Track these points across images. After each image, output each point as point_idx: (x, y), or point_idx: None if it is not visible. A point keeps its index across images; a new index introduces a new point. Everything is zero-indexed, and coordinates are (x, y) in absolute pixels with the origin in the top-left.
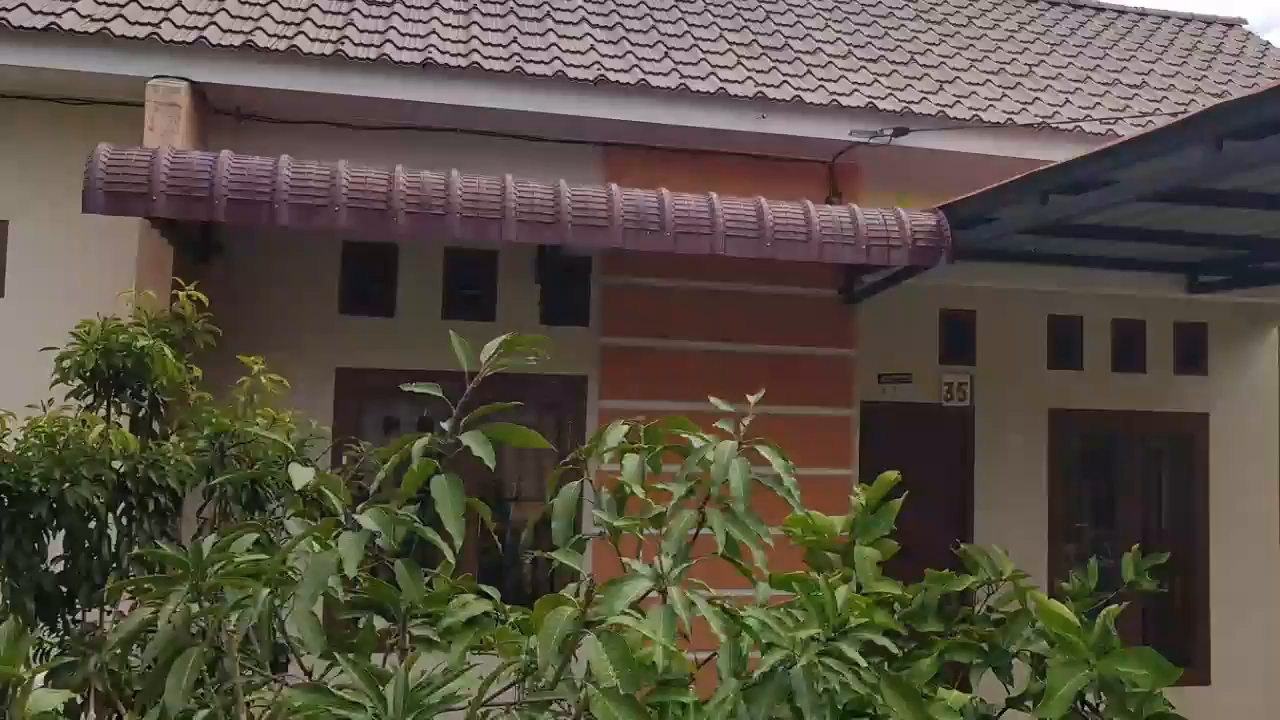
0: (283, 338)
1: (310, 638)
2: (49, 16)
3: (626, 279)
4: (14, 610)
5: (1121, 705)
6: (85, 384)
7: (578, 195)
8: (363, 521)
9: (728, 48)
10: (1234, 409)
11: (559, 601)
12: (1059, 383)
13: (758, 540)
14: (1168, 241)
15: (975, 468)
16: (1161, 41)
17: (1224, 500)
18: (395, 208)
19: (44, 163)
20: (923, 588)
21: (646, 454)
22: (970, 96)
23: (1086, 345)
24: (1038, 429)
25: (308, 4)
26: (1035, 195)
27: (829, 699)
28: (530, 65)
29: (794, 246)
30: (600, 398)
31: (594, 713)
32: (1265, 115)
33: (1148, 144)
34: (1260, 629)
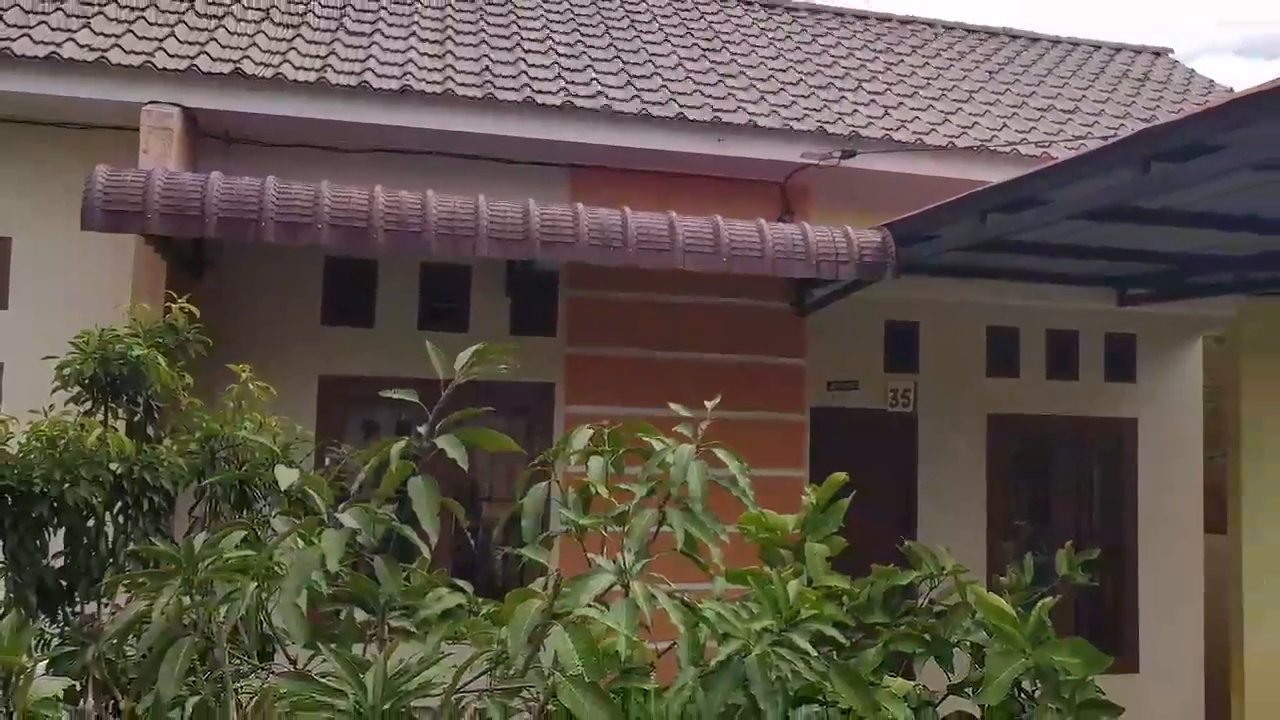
0: (269, 347)
1: (295, 629)
2: (50, 46)
3: (591, 292)
4: (17, 603)
5: (1055, 692)
6: (84, 390)
7: (546, 214)
8: (344, 520)
9: (686, 75)
10: (1161, 414)
11: (528, 595)
12: (997, 389)
13: (715, 537)
14: (1099, 257)
15: (919, 469)
16: (1093, 69)
17: (1151, 500)
18: (375, 226)
19: (45, 183)
20: (869, 582)
21: (610, 456)
22: (914, 121)
23: (1023, 354)
24: (977, 433)
25: (292, 34)
26: (974, 214)
27: (781, 686)
28: (501, 92)
29: (749, 262)
30: (566, 403)
31: (561, 699)
32: (1190, 138)
33: (1080, 166)
34: (1185, 620)
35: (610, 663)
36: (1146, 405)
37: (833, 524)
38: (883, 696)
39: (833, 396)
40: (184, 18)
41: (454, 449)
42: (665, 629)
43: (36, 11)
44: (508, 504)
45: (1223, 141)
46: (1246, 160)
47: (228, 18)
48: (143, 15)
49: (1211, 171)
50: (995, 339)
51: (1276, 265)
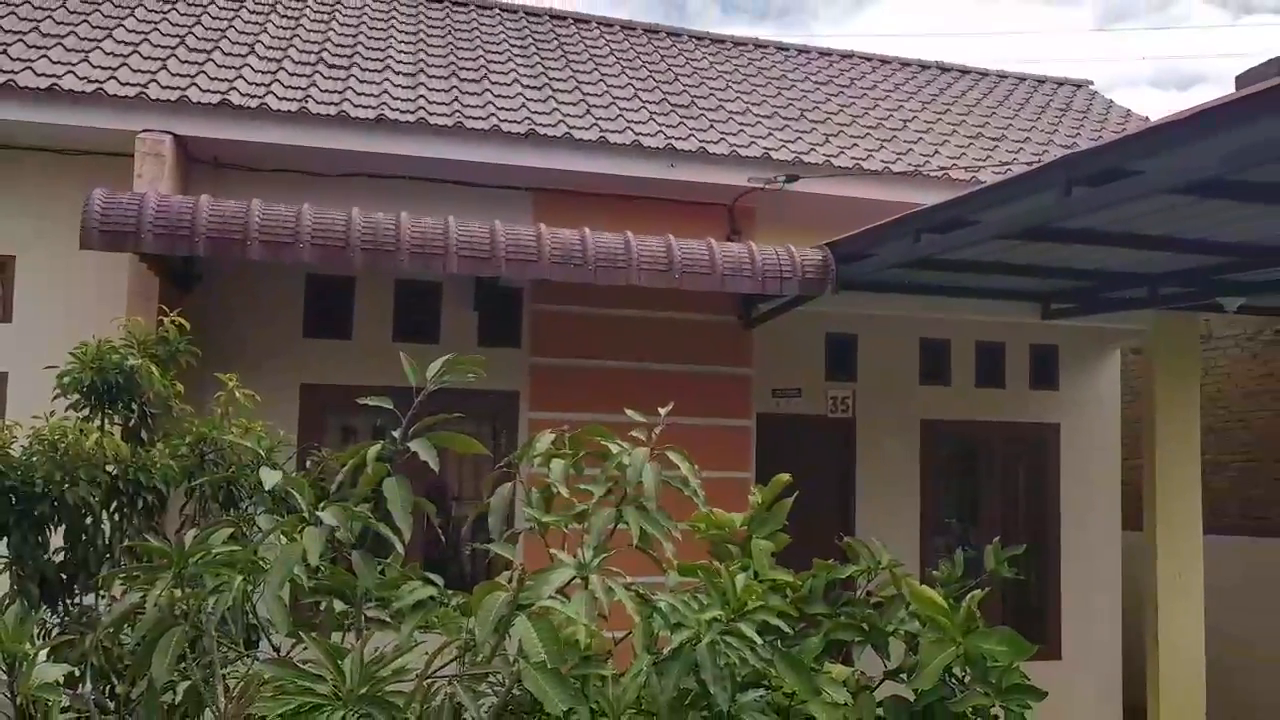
0: (254, 357)
1: (278, 619)
2: (51, 78)
3: (553, 306)
4: (21, 595)
5: (984, 677)
6: (82, 398)
7: (511, 234)
8: (324, 517)
9: (641, 105)
10: (1081, 419)
11: (494, 587)
12: (930, 397)
13: (667, 534)
14: (1024, 274)
15: (857, 471)
16: (1019, 100)
17: (1073, 499)
18: (353, 245)
19: (47, 205)
20: (811, 575)
21: (570, 459)
22: (853, 147)
23: (953, 364)
24: (911, 437)
25: (275, 67)
26: (909, 234)
27: (730, 672)
28: (470, 121)
29: (699, 278)
30: (530, 410)
31: (525, 684)
32: (1108, 163)
33: (1007, 189)
34: (1104, 611)
35: (571, 650)
36: (1068, 412)
37: (777, 522)
38: (824, 681)
39: (777, 404)
40: (175, 52)
41: (426, 452)
42: (622, 619)
43: (39, 46)
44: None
45: (1139, 166)
46: (1160, 184)
47: (215, 52)
48: (137, 50)
49: (1128, 194)
50: (928, 350)
51: (1189, 281)
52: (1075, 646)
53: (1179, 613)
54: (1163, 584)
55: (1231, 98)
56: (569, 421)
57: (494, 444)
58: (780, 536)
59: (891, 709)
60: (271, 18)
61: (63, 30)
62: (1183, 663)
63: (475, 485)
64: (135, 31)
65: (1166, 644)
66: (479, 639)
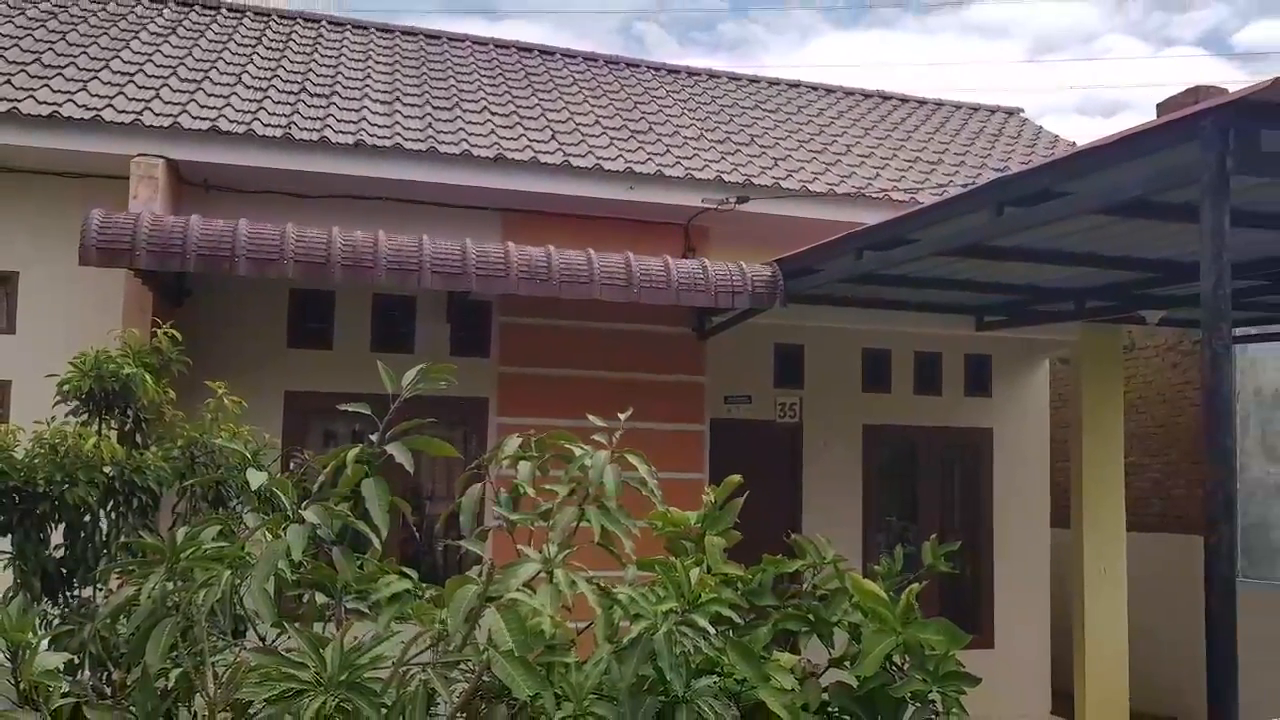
0: (241, 366)
1: (264, 610)
2: (51, 106)
3: (520, 319)
4: (23, 588)
5: (922, 664)
6: (81, 404)
7: (481, 252)
8: (306, 516)
9: (603, 131)
10: (1012, 424)
11: (466, 581)
12: (871, 403)
13: (627, 531)
14: (960, 289)
15: (803, 472)
16: (955, 126)
17: (1005, 498)
18: (333, 261)
19: (48, 225)
20: (761, 570)
21: (536, 461)
22: (800, 171)
23: (894, 373)
24: (854, 441)
25: (261, 96)
26: (852, 251)
27: (685, 660)
28: (442, 146)
29: (656, 292)
30: (498, 415)
31: (494, 671)
32: (1038, 186)
33: (943, 210)
34: (1034, 603)
35: (537, 639)
36: (1000, 417)
37: (729, 519)
38: (772, 669)
39: (729, 409)
40: (167, 81)
41: (401, 454)
42: (584, 610)
43: (40, 76)
44: (448, 502)
45: (1066, 188)
46: (1086, 205)
47: (205, 81)
48: (132, 80)
49: (1056, 214)
50: (870, 359)
51: (1113, 296)
52: (1007, 636)
53: (1103, 604)
54: (1088, 577)
55: (1152, 124)
56: (535, 426)
57: (465, 447)
58: (732, 533)
59: (836, 695)
60: (258, 49)
61: (63, 61)
62: (1107, 651)
63: (447, 486)
64: (131, 63)
65: (1092, 633)
66: (451, 629)
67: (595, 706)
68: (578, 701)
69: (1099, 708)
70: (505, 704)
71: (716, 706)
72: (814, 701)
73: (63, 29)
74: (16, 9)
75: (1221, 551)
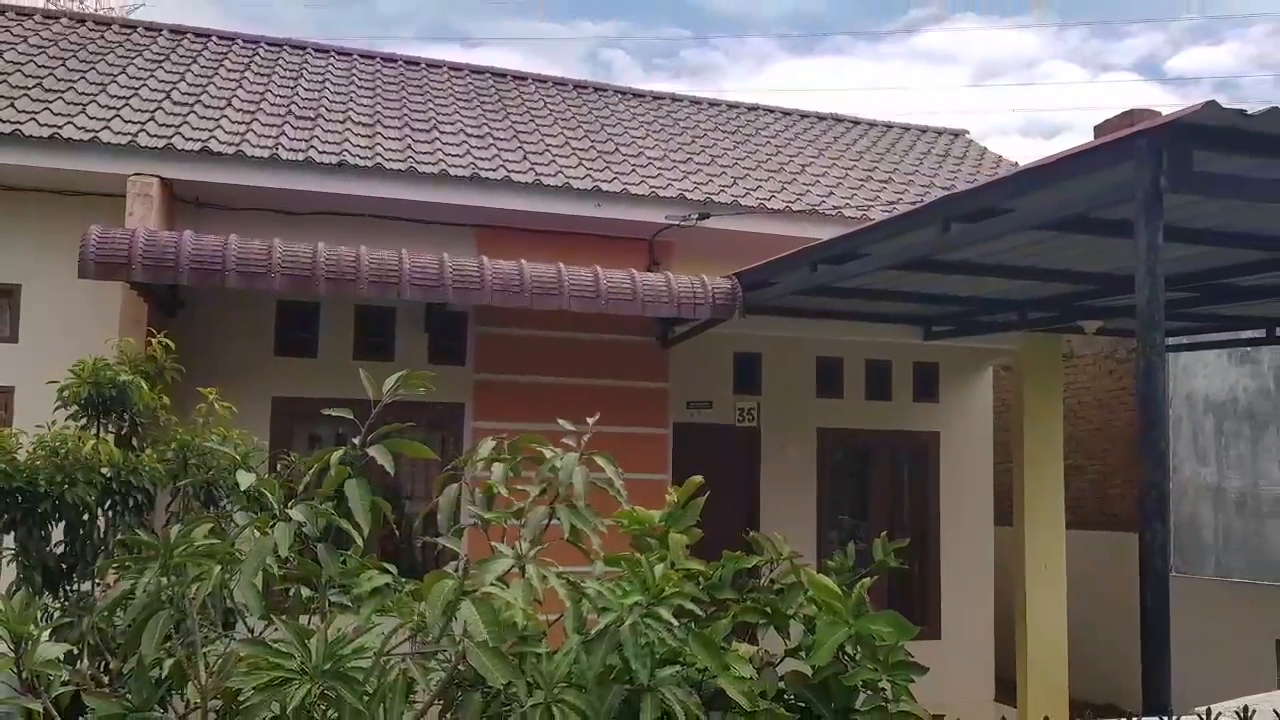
0: (231, 373)
1: (253, 603)
2: (52, 128)
3: (495, 329)
4: (26, 582)
5: (873, 655)
6: (80, 409)
7: (457, 265)
8: (293, 514)
9: (572, 152)
10: (958, 428)
11: (443, 576)
12: (825, 408)
13: (595, 529)
14: (909, 300)
15: (761, 473)
16: (904, 147)
17: (951, 498)
18: (318, 275)
19: (48, 240)
20: (721, 565)
21: (509, 463)
22: (758, 189)
23: (846, 379)
24: (809, 444)
25: (250, 118)
26: (806, 265)
27: (649, 650)
28: (421, 165)
29: (623, 304)
30: (474, 419)
31: (470, 661)
32: (982, 203)
33: (893, 226)
34: (978, 596)
35: (510, 631)
36: (947, 421)
37: (691, 518)
38: (732, 658)
39: (691, 414)
40: (161, 105)
41: (382, 456)
42: (554, 603)
43: (42, 100)
44: (426, 502)
45: (1009, 205)
46: (1028, 221)
47: (197, 105)
48: (128, 103)
49: (1000, 230)
50: (823, 367)
51: (1053, 307)
52: (953, 628)
53: (1044, 598)
54: (1030, 573)
55: (1090, 145)
56: (508, 430)
57: (442, 450)
58: (694, 531)
59: (791, 683)
60: (246, 75)
61: (63, 86)
62: (1047, 641)
63: (425, 486)
64: (127, 87)
65: (1033, 625)
66: (429, 621)
67: (565, 694)
68: (548, 690)
69: (1040, 695)
70: (480, 692)
71: (679, 694)
72: (771, 689)
73: (63, 55)
74: (19, 37)
75: (1156, 547)
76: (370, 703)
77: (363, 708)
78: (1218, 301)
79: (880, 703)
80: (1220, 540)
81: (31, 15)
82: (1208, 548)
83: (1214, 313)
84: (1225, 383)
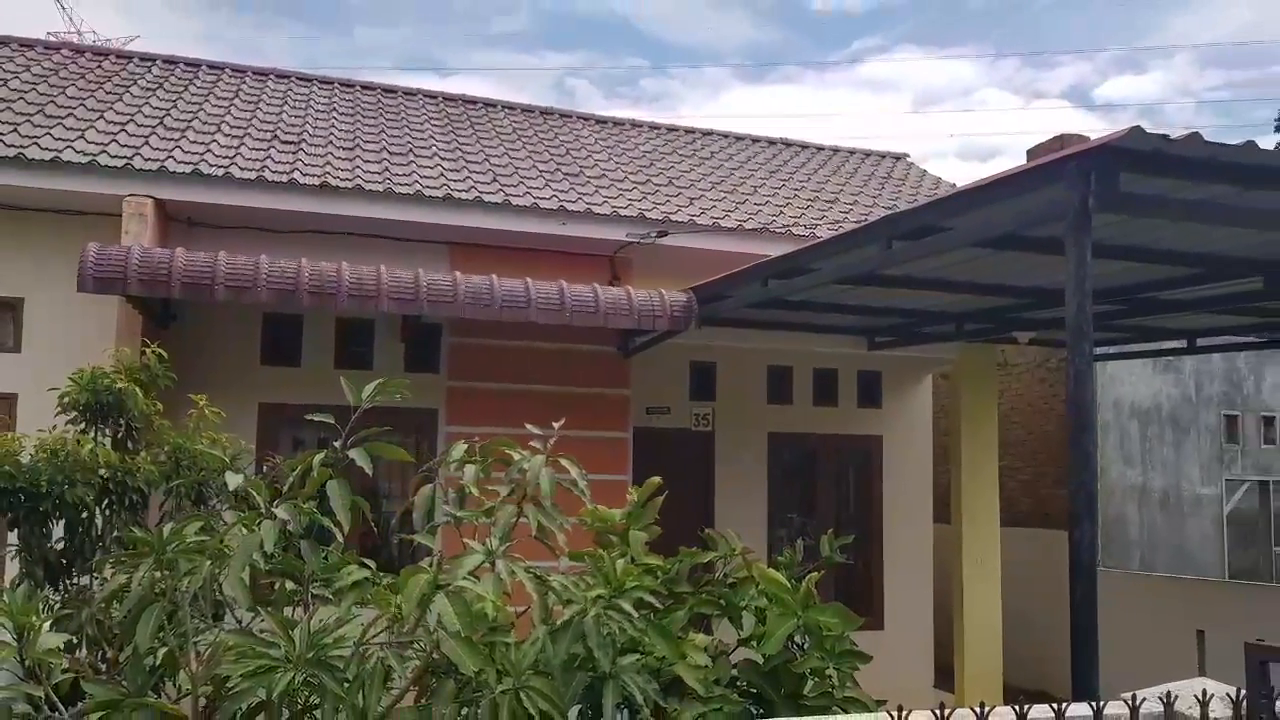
0: (221, 381)
1: (240, 596)
2: (53, 152)
3: (467, 339)
4: (28, 576)
5: (820, 643)
6: (79, 415)
7: (431, 280)
8: (278, 513)
9: (539, 174)
10: (899, 432)
11: (418, 570)
12: (775, 414)
13: (560, 527)
14: (854, 313)
15: (715, 474)
16: (849, 169)
17: (893, 497)
18: (301, 289)
19: (50, 256)
20: (678, 560)
21: (480, 465)
22: (712, 209)
23: (795, 387)
24: (760, 446)
25: (238, 143)
26: (758, 280)
27: (611, 640)
28: (398, 186)
29: (586, 316)
30: (447, 424)
31: (443, 650)
32: (921, 222)
33: (839, 243)
34: (919, 589)
35: (481, 622)
36: (889, 426)
37: (650, 516)
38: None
39: (650, 419)
40: (155, 131)
41: (361, 459)
42: (523, 596)
43: (43, 125)
44: (402, 501)
45: (947, 224)
46: (965, 239)
47: (189, 130)
48: (124, 129)
49: (939, 248)
50: (774, 375)
51: (988, 319)
52: (895, 618)
53: (980, 591)
54: (967, 567)
55: (1023, 168)
56: (479, 434)
57: (417, 453)
58: (653, 528)
59: (744, 670)
60: (235, 103)
61: (63, 112)
62: (983, 631)
63: (402, 486)
64: (123, 114)
65: (970, 616)
66: (405, 613)
67: (532, 681)
68: (516, 676)
69: (976, 681)
70: (453, 679)
71: (639, 681)
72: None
73: (63, 84)
74: (22, 66)
75: (1084, 544)
76: (350, 689)
77: (343, 694)
78: (1142, 314)
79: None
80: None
81: (34, 46)
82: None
83: (1139, 325)
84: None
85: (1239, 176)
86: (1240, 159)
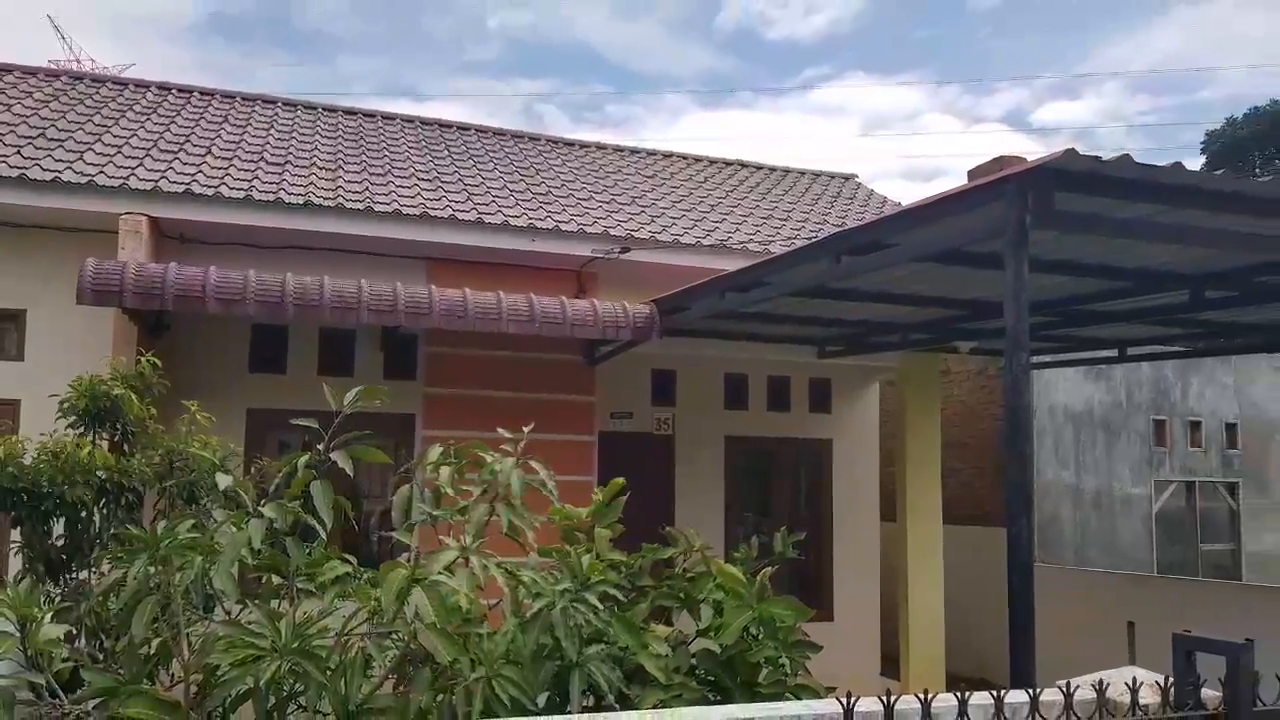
0: (211, 388)
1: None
2: (54, 173)
3: (443, 348)
4: (30, 571)
5: (773, 634)
6: (78, 419)
7: (409, 293)
8: (265, 511)
9: (510, 193)
10: (848, 436)
11: (396, 565)
12: (732, 418)
13: (530, 525)
14: (805, 324)
15: (675, 475)
16: (801, 188)
17: (843, 497)
18: (287, 301)
19: (51, 270)
20: (641, 556)
21: (455, 466)
22: (673, 226)
23: (750, 393)
24: (717, 449)
25: (228, 164)
26: (716, 293)
27: (577, 631)
28: (377, 205)
29: (554, 327)
30: (424, 428)
31: (420, 640)
32: (869, 239)
33: (791, 258)
34: (866, 584)
35: (455, 614)
36: (839, 430)
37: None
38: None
39: (614, 423)
40: (150, 153)
41: (343, 461)
42: (495, 590)
43: (45, 148)
44: (382, 501)
45: (893, 241)
46: (910, 254)
47: (181, 152)
48: (120, 151)
49: (885, 263)
50: (731, 382)
51: (932, 329)
52: (844, 611)
53: (924, 585)
54: (912, 563)
55: (964, 188)
56: (454, 437)
57: (396, 455)
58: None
59: (702, 659)
60: (224, 127)
61: (64, 136)
62: (927, 623)
63: (382, 487)
64: (119, 137)
65: (915, 608)
66: (384, 605)
67: (503, 669)
68: (489, 665)
69: (920, 669)
70: (430, 667)
71: (604, 669)
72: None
73: (63, 109)
74: (24, 92)
75: (1021, 540)
76: (333, 677)
77: (326, 681)
78: (1076, 325)
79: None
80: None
81: (36, 74)
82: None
83: (1073, 335)
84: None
85: (1167, 196)
86: (1168, 179)
